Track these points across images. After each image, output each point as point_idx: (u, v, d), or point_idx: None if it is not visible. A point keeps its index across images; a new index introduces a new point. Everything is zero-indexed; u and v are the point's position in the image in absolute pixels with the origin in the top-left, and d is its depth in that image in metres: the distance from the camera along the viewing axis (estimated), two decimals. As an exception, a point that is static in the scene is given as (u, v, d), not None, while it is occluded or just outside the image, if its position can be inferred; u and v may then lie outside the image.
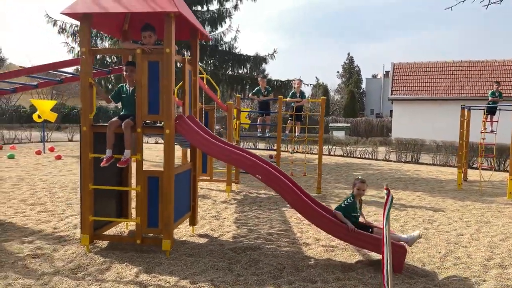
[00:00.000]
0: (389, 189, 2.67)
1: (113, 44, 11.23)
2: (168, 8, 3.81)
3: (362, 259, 4.33)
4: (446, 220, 6.28)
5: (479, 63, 22.14)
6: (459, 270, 4.10)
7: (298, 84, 8.64)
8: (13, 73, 4.56)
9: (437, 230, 5.65)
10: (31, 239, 4.65)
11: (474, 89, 20.98)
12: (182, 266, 3.91)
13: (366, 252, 4.52)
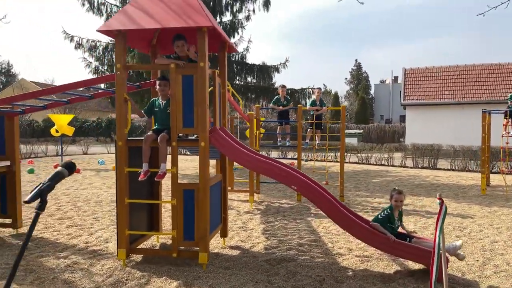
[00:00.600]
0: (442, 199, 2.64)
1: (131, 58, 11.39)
2: (203, 23, 3.86)
3: (400, 269, 4.27)
4: (477, 227, 6.18)
5: (492, 66, 21.95)
6: (501, 279, 4.02)
7: (318, 92, 8.64)
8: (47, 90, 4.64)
9: (470, 238, 5.56)
10: (65, 254, 4.68)
11: (488, 93, 20.79)
12: (220, 279, 3.89)
13: (403, 261, 4.46)
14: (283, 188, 10.08)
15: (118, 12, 4.18)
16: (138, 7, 4.15)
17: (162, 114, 4.34)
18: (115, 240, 5.23)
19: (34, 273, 4.04)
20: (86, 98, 5.10)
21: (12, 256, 4.54)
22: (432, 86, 22.38)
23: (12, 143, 5.36)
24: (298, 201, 8.38)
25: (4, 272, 4.02)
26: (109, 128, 35.39)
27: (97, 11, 12.79)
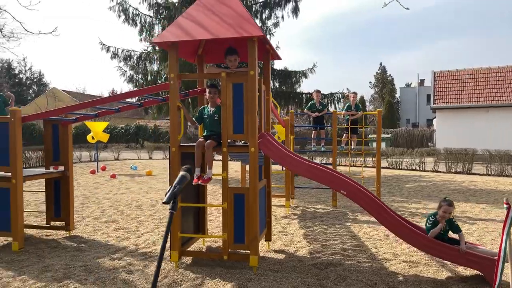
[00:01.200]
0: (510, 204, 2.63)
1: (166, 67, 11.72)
2: (254, 32, 4.00)
3: (451, 275, 4.23)
4: None
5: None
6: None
7: (353, 97, 8.63)
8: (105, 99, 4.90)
9: None
10: (119, 255, 4.88)
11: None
12: (272, 282, 3.98)
13: (453, 267, 4.41)
14: (316, 193, 10.10)
15: (172, 24, 4.38)
16: (190, 19, 4.34)
17: (210, 120, 4.49)
18: (162, 243, 5.44)
19: (94, 273, 4.25)
20: (135, 106, 5.33)
21: (69, 257, 4.78)
22: (463, 89, 21.82)
23: (66, 149, 5.66)
24: (334, 206, 8.38)
25: (66, 273, 4.25)
26: (137, 134, 36.32)
27: (132, 22, 13.27)
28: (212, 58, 5.34)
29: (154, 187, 11.07)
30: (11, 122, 4.84)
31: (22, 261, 4.62)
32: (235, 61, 4.33)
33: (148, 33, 13.43)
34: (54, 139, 5.67)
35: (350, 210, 8.07)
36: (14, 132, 4.83)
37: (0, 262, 4.60)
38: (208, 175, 4.39)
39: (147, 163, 19.47)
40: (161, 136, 36.56)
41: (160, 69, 12.81)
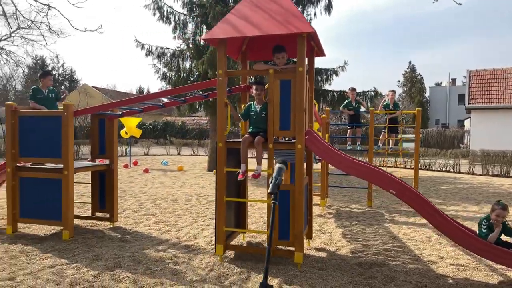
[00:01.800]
0: None
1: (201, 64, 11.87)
2: (304, 29, 3.99)
3: (503, 280, 4.09)
4: None
5: None
6: None
7: (391, 95, 8.46)
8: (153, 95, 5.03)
9: None
10: (163, 247, 5.00)
11: None
12: (318, 279, 3.97)
13: (504, 272, 4.27)
14: (348, 193, 9.99)
15: (221, 21, 4.43)
16: (239, 16, 4.37)
17: (257, 117, 4.52)
18: (203, 237, 5.53)
19: (142, 263, 4.37)
20: (179, 102, 5.43)
21: (117, 248, 4.94)
22: (499, 88, 20.96)
23: (112, 143, 5.84)
24: (369, 206, 8.26)
25: (116, 262, 4.39)
26: (165, 131, 37.01)
27: (166, 19, 13.50)
28: (256, 55, 5.37)
29: (186, 182, 11.25)
30: (64, 116, 5.04)
31: (73, 250, 4.81)
32: (283, 58, 4.33)
33: (181, 30, 13.62)
34: (100, 133, 5.86)
35: (386, 210, 7.94)
36: (66, 125, 5.03)
37: (52, 250, 4.81)
38: (258, 171, 4.42)
39: (176, 158, 19.82)
40: (188, 133, 37.13)
41: (192, 67, 12.96)
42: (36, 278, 3.89)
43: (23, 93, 40.11)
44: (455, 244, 5.44)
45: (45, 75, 6.10)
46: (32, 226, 5.87)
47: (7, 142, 5.21)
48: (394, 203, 8.75)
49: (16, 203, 5.29)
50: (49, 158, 5.19)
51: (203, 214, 7.09)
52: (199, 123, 41.87)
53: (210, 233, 5.76)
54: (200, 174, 13.50)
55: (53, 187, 5.09)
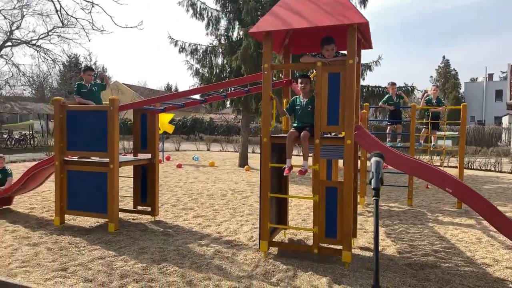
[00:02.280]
0: None
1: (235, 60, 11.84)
2: (356, 19, 3.84)
3: None
4: None
5: None
6: None
7: (434, 90, 8.12)
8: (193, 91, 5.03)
9: None
10: (205, 242, 5.00)
11: None
12: (368, 279, 3.83)
13: None
14: (386, 191, 9.69)
15: (268, 13, 4.34)
16: (285, 7, 4.27)
17: (302, 111, 4.41)
18: (243, 232, 5.49)
19: (187, 257, 4.38)
20: (221, 97, 5.40)
21: (161, 241, 4.98)
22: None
23: (153, 138, 5.90)
24: (409, 205, 7.97)
25: (162, 256, 4.42)
26: (194, 127, 37.51)
27: (199, 16, 13.57)
28: (299, 48, 5.26)
29: (220, 178, 11.29)
30: (109, 110, 5.13)
31: (118, 242, 4.89)
32: (332, 50, 4.19)
33: (214, 27, 13.66)
34: (142, 128, 5.93)
35: (428, 210, 7.63)
36: (112, 120, 5.11)
37: (100, 242, 4.91)
38: (305, 167, 4.32)
39: (206, 154, 20.00)
40: (216, 129, 37.45)
41: (225, 63, 12.95)
42: (88, 269, 3.97)
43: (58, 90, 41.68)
44: (510, 246, 5.15)
45: (86, 70, 6.24)
46: (77, 218, 6.04)
47: (55, 136, 5.36)
48: (436, 202, 8.41)
49: (64, 195, 5.44)
50: (95, 152, 5.30)
51: (240, 210, 7.07)
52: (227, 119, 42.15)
53: (250, 229, 5.72)
54: (232, 169, 13.52)
55: (99, 180, 5.20)
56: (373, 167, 1.38)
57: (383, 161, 1.47)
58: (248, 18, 11.87)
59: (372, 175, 1.35)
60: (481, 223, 6.54)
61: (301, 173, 4.36)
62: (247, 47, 11.23)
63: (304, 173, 4.37)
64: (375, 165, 1.38)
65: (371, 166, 1.39)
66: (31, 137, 22.83)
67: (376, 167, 1.39)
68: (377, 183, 1.30)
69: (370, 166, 1.42)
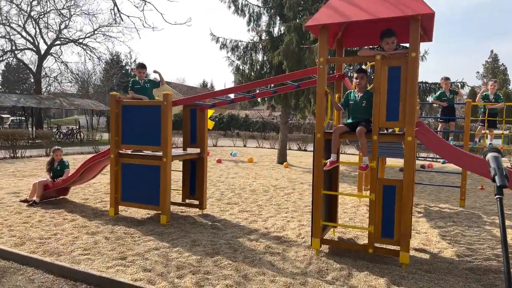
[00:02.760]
0: None
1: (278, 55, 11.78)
2: (423, 10, 3.66)
3: None
4: None
5: None
6: None
7: (492, 85, 7.64)
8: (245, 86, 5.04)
9: None
10: (254, 237, 5.01)
11: None
12: (429, 283, 3.67)
13: None
14: (434, 191, 9.29)
15: (324, 6, 4.25)
16: (343, 0, 4.15)
17: (357, 107, 4.28)
18: (291, 229, 5.44)
19: (239, 251, 4.40)
20: (271, 93, 5.37)
21: (211, 234, 5.04)
22: None
23: (202, 133, 5.98)
24: (462, 206, 7.58)
25: (215, 249, 4.47)
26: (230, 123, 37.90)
27: (241, 12, 13.61)
28: (352, 41, 5.12)
29: (260, 174, 11.31)
30: (163, 105, 5.25)
31: (171, 234, 5.01)
32: (392, 43, 4.03)
33: (255, 23, 13.65)
34: (192, 123, 6.02)
35: (483, 212, 7.23)
36: (166, 114, 5.22)
37: (153, 233, 5.04)
38: (365, 162, 4.21)
39: (243, 150, 20.12)
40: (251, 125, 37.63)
41: (265, 59, 12.89)
42: (145, 259, 4.08)
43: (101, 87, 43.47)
44: None
45: (139, 67, 6.41)
46: (129, 210, 6.25)
47: (111, 129, 5.56)
48: (490, 204, 7.95)
49: (118, 187, 5.64)
50: (149, 146, 5.45)
51: (284, 206, 7.03)
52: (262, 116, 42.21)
53: (297, 226, 5.66)
54: (271, 166, 13.51)
55: (152, 173, 5.34)
56: (494, 163, 1.27)
57: (501, 155, 1.37)
58: (291, 14, 11.75)
59: (495, 171, 1.25)
60: (544, 228, 6.10)
61: (362, 168, 4.25)
62: (289, 43, 11.12)
63: (365, 168, 4.25)
64: (495, 161, 1.28)
65: (491, 162, 1.29)
66: (77, 132, 23.99)
67: (497, 162, 1.28)
68: (503, 179, 1.20)
69: (489, 162, 1.32)
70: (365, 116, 4.24)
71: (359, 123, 4.22)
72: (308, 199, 7.81)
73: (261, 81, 4.96)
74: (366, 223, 5.97)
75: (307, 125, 30.93)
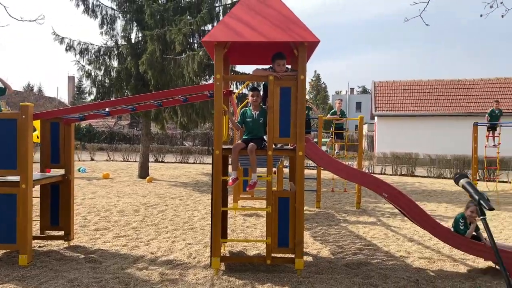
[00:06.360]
0: None
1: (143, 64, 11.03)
2: (310, 38, 4.06)
3: (470, 269, 4.67)
4: (493, 229, 6.87)
5: (452, 82, 24.12)
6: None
7: (339, 103, 9.07)
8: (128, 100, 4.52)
9: (500, 239, 6.20)
10: (143, 265, 4.54)
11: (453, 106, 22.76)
12: (324, 284, 4.04)
13: (466, 261, 4.90)
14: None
15: (219, 23, 4.24)
16: (236, 19, 4.24)
17: (254, 124, 4.42)
18: (179, 250, 5.20)
19: (132, 285, 3.92)
20: (155, 106, 5.01)
21: (91, 270, 4.32)
22: (399, 98, 24.01)
23: (69, 151, 5.11)
24: (318, 208, 8.69)
25: (102, 286, 3.85)
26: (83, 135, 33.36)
27: (92, 13, 12.29)
28: (237, 59, 5.27)
29: (122, 191, 10.37)
30: (20, 119, 4.24)
31: (37, 277, 4.06)
32: (283, 65, 4.32)
33: (109, 26, 12.53)
34: (53, 138, 5.08)
35: (335, 211, 8.46)
36: (24, 130, 4.23)
37: (10, 279, 3.99)
38: (253, 179, 4.32)
39: (92, 165, 18.08)
40: (96, 136, 34.16)
41: (127, 66, 11.96)
42: (12, 317, 3.20)
43: None
44: (412, 239, 6.08)
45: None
46: (-39, 253, 4.79)
47: None
48: (337, 203, 9.38)
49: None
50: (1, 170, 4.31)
51: (162, 226, 6.63)
52: (109, 125, 38.96)
53: (184, 245, 5.42)
54: (132, 181, 12.57)
55: (5, 204, 4.23)
56: (472, 189, 1.50)
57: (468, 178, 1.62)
58: (152, 22, 11.28)
59: (479, 196, 1.46)
60: (380, 220, 7.56)
61: (251, 187, 4.37)
62: (153, 52, 10.64)
63: (253, 186, 4.39)
64: (471, 186, 1.50)
65: (469, 188, 1.51)
66: None
67: (474, 188, 1.51)
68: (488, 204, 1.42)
69: (465, 188, 1.54)
70: (261, 133, 4.42)
71: (251, 140, 4.36)
72: (185, 214, 7.59)
73: (149, 95, 4.58)
74: (248, 233, 6.18)
75: (161, 135, 30.09)
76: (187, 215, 7.55)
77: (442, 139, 20.30)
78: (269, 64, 4.60)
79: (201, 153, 21.81)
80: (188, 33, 10.18)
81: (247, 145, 4.31)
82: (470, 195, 1.54)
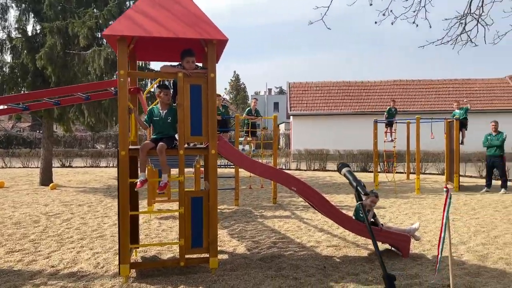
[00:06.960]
0: (448, 188, 3.47)
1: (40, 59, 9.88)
2: (218, 36, 4.05)
3: (370, 252, 5.14)
4: (391, 215, 7.67)
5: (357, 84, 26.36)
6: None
7: (254, 102, 9.23)
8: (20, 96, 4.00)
9: (396, 223, 6.92)
10: (41, 281, 4.11)
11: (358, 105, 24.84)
12: (237, 280, 4.07)
13: (367, 246, 5.37)
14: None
15: (121, 16, 3.98)
16: (141, 13, 4.05)
17: (162, 123, 4.28)
18: (85, 260, 4.84)
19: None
20: (51, 104, 4.54)
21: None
22: (312, 98, 25.48)
23: None
24: (236, 205, 8.78)
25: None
26: None
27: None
28: (145, 55, 5.05)
29: (20, 201, 9.26)
30: None
31: None
32: (192, 62, 4.23)
33: (1, 17, 11.06)
34: None
35: (253, 207, 8.63)
36: None
37: None
38: (164, 180, 4.17)
39: (-16, 173, 15.86)
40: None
41: (22, 61, 10.65)
42: None
43: None
44: (322, 229, 6.48)
45: None
46: None
47: None
48: (255, 200, 9.58)
49: None
50: None
51: (67, 236, 6.07)
52: (5, 128, 34.56)
53: (91, 255, 5.03)
54: (33, 189, 11.30)
55: None
56: (352, 177, 1.59)
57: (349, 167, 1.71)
58: (51, 13, 10.25)
59: (357, 183, 1.56)
60: (294, 213, 7.91)
61: (161, 188, 4.22)
62: (53, 46, 9.66)
63: (164, 187, 4.24)
64: (351, 174, 1.60)
65: (349, 176, 1.60)
66: None
67: (353, 176, 1.61)
68: (364, 189, 1.52)
69: (346, 176, 1.63)
70: (170, 132, 4.28)
71: (161, 139, 4.21)
72: (93, 222, 7.05)
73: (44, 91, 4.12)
74: (163, 237, 5.97)
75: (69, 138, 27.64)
76: (96, 222, 7.02)
77: (349, 136, 22.06)
78: (179, 61, 4.50)
79: (114, 156, 20.53)
80: (93, 26, 9.45)
81: (157, 145, 4.15)
82: (349, 182, 1.68)
